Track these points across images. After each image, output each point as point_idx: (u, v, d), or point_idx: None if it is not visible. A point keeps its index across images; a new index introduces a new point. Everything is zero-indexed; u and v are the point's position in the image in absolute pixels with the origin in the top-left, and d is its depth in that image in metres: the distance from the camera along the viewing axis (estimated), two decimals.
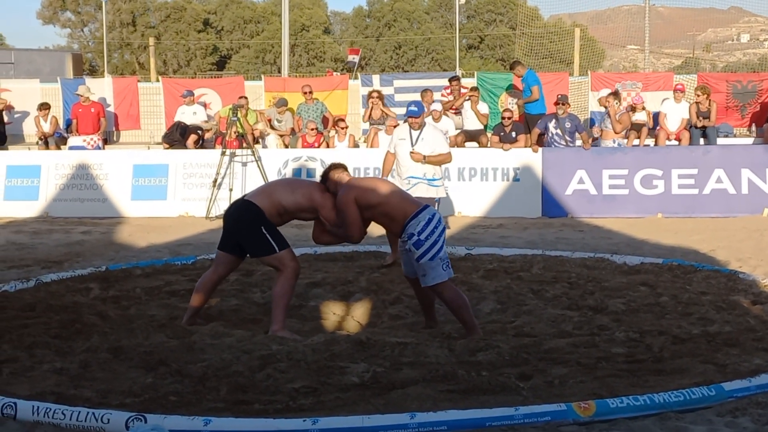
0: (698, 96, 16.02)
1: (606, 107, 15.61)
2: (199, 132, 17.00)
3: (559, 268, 9.47)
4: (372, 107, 16.44)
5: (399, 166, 10.04)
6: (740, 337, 6.42)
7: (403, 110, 17.46)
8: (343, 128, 16.19)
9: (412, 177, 9.84)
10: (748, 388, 5.16)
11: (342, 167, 7.02)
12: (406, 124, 10.17)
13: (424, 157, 9.89)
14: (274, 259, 6.88)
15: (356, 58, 26.66)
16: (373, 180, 7.28)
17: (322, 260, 10.09)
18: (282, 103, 17.16)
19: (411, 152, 9.89)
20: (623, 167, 14.51)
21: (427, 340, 6.42)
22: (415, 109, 9.94)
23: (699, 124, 15.93)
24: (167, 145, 16.98)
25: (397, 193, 6.95)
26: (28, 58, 27.02)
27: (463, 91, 17.10)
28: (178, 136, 16.97)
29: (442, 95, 17.15)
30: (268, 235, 6.81)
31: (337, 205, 6.73)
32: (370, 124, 16.35)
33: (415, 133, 9.97)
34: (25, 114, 19.20)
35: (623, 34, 44.75)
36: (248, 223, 6.86)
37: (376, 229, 12.19)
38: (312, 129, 16.09)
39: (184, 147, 16.58)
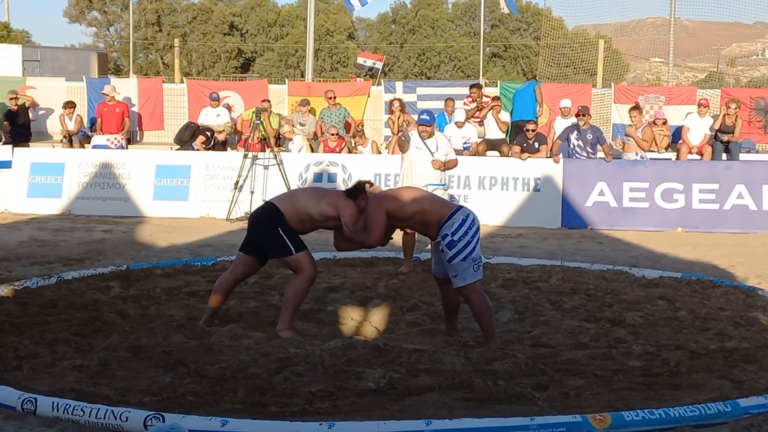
0: (728, 108, 15.97)
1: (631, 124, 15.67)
2: (208, 133, 17.02)
3: (577, 280, 9.47)
4: (397, 116, 16.50)
5: (414, 175, 10.00)
6: (758, 354, 6.41)
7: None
8: (361, 137, 16.25)
9: (431, 184, 9.85)
10: (765, 405, 5.15)
11: (366, 185, 7.07)
12: (415, 132, 10.20)
13: (444, 164, 10.00)
14: (291, 260, 6.95)
15: (379, 64, 26.66)
16: (405, 190, 7.23)
17: (340, 265, 10.12)
18: (305, 103, 17.25)
19: (433, 160, 9.95)
20: (644, 180, 14.47)
21: (444, 347, 6.44)
22: (427, 117, 9.98)
23: (725, 139, 15.90)
24: (178, 146, 17.11)
25: (429, 198, 7.01)
26: (53, 56, 27.18)
27: (484, 99, 17.12)
28: (188, 137, 17.06)
29: (465, 104, 17.17)
30: (285, 237, 6.87)
31: (368, 211, 6.78)
32: (398, 131, 16.38)
33: (430, 142, 10.01)
34: (50, 111, 19.34)
35: (647, 47, 44.55)
36: (266, 223, 6.95)
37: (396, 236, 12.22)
38: (333, 134, 16.12)
39: (192, 148, 16.67)
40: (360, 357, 6.08)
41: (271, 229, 6.91)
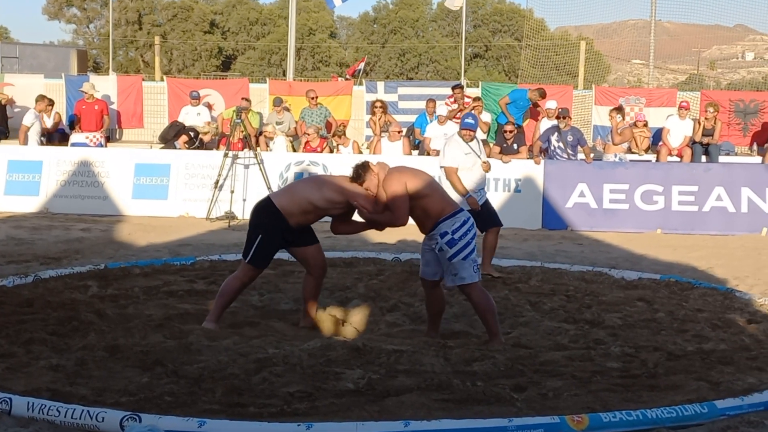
0: (707, 112, 16.07)
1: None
2: (191, 133, 16.95)
3: (557, 281, 9.50)
4: (378, 117, 16.49)
5: (469, 182, 9.72)
6: (735, 356, 6.44)
7: (406, 117, 17.61)
8: (341, 137, 16.20)
9: (482, 188, 9.86)
10: (741, 406, 5.19)
11: (371, 163, 6.95)
12: (457, 137, 9.90)
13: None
14: (243, 263, 7.11)
15: (362, 65, 26.67)
16: (420, 171, 7.07)
17: None
18: (278, 102, 17.22)
19: (483, 163, 9.81)
20: (624, 182, 14.52)
21: (423, 348, 6.43)
22: (472, 121, 9.79)
23: (704, 141, 15.99)
24: (162, 144, 17.05)
25: (440, 190, 6.98)
26: (32, 52, 27.03)
27: (466, 100, 17.14)
28: (171, 135, 17.00)
29: (446, 104, 17.19)
30: (256, 244, 6.95)
31: (388, 188, 6.70)
32: (380, 132, 16.35)
33: (474, 145, 9.81)
34: (25, 109, 19.18)
35: (629, 49, 44.87)
36: (254, 225, 7.04)
37: (375, 236, 12.21)
38: (310, 135, 16.02)
39: (174, 147, 16.62)
40: (339, 358, 6.06)
41: (254, 231, 7.00)
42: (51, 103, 17.84)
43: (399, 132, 15.82)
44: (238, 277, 7.10)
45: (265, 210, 6.99)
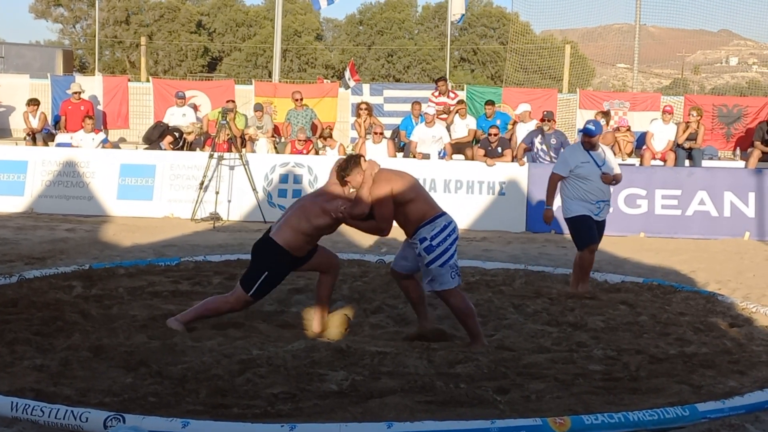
0: (691, 117, 16.15)
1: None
2: (176, 134, 16.93)
3: (540, 284, 9.53)
4: (363, 119, 16.53)
5: (582, 191, 9.13)
6: (716, 359, 6.49)
7: (392, 120, 17.65)
8: (327, 139, 16.22)
9: (601, 201, 9.20)
10: (722, 409, 5.23)
11: (362, 159, 6.90)
12: (578, 144, 9.46)
13: (613, 178, 9.28)
14: (240, 291, 6.99)
15: (352, 82, 26.77)
16: (405, 174, 7.04)
17: None
18: (258, 107, 17.24)
19: (604, 174, 9.15)
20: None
21: (407, 350, 6.45)
22: (593, 128, 9.16)
23: (686, 146, 16.07)
24: (146, 145, 17.03)
25: (423, 194, 6.95)
26: (18, 52, 26.96)
27: (450, 95, 17.24)
28: (156, 136, 16.97)
29: (430, 100, 17.27)
30: (261, 280, 6.90)
31: (373, 199, 6.69)
32: (365, 134, 16.38)
33: (596, 154, 9.20)
34: (11, 109, 19.13)
35: (613, 53, 44.95)
36: (260, 262, 6.97)
37: (361, 238, 12.23)
38: (301, 140, 16.03)
39: (159, 147, 16.60)
40: (323, 359, 6.08)
41: (259, 266, 6.94)
42: (37, 103, 17.79)
43: (380, 134, 15.82)
44: (230, 302, 7.03)
45: (270, 249, 6.92)
